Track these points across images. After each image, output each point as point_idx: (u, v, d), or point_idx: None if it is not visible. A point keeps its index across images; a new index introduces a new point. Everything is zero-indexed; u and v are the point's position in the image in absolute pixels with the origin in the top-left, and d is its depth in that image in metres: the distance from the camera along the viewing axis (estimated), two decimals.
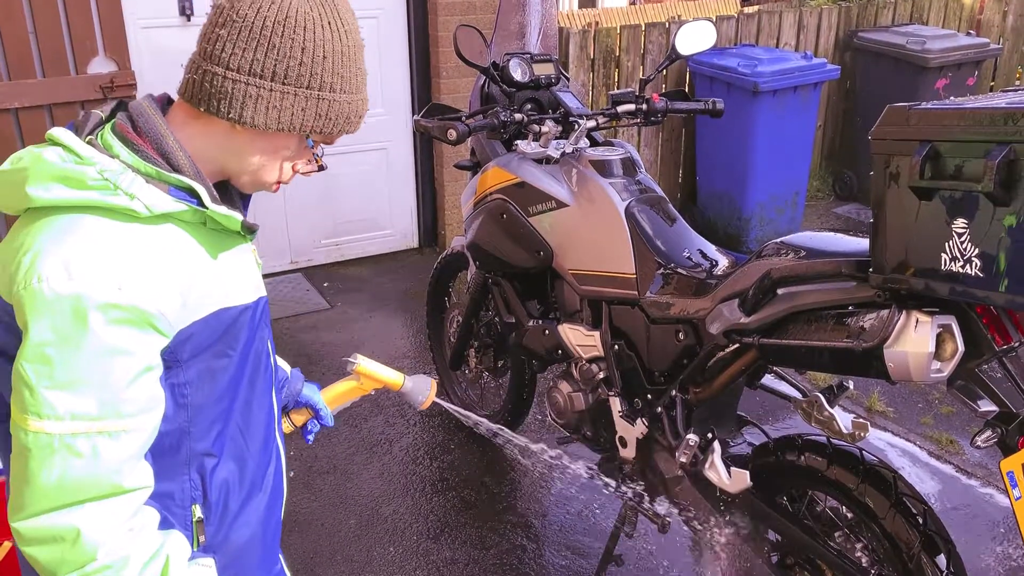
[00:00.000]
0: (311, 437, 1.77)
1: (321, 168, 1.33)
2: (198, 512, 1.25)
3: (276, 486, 1.40)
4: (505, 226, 2.53)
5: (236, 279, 1.24)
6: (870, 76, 5.68)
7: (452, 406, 2.25)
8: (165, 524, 1.20)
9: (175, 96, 1.25)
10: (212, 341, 1.19)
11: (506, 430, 2.51)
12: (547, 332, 2.53)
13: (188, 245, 1.16)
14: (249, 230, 1.22)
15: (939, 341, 1.54)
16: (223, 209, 1.17)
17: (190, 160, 1.18)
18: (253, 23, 1.13)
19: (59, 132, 1.13)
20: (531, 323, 2.61)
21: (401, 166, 5.05)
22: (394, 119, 4.93)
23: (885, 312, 1.59)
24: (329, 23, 1.17)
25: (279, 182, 1.28)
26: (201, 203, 1.16)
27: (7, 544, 2.30)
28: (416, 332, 4.20)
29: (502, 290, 2.75)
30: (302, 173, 1.32)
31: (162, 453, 1.19)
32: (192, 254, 1.17)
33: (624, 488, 2.43)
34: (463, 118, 2.38)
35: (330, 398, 1.80)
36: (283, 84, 1.16)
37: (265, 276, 4.75)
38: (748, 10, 6.13)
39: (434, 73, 4.80)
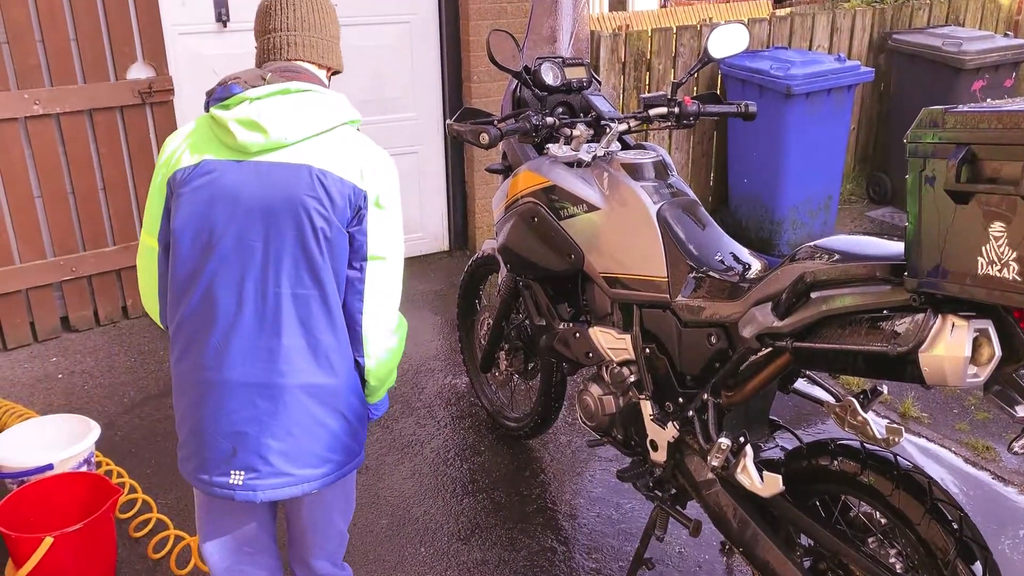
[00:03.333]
0: None
1: None
2: None
3: None
4: (536, 229, 2.54)
5: None
6: (905, 78, 5.61)
7: None
8: None
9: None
10: None
11: None
12: (578, 335, 2.54)
13: None
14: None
15: (975, 345, 1.52)
16: None
17: None
18: (323, 6, 1.85)
19: (295, 85, 1.71)
20: (562, 326, 2.62)
21: (432, 170, 5.08)
22: (426, 123, 4.96)
23: (920, 316, 1.58)
24: None
25: None
26: None
27: (49, 539, 2.35)
28: (447, 334, 4.23)
29: (533, 293, 2.76)
30: None
31: None
32: None
33: (654, 491, 2.43)
34: (495, 122, 2.40)
35: None
36: (339, 42, 1.89)
37: None
38: (780, 12, 6.10)
39: (465, 77, 4.83)
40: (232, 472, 1.73)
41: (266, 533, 1.95)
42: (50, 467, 2.68)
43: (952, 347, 1.53)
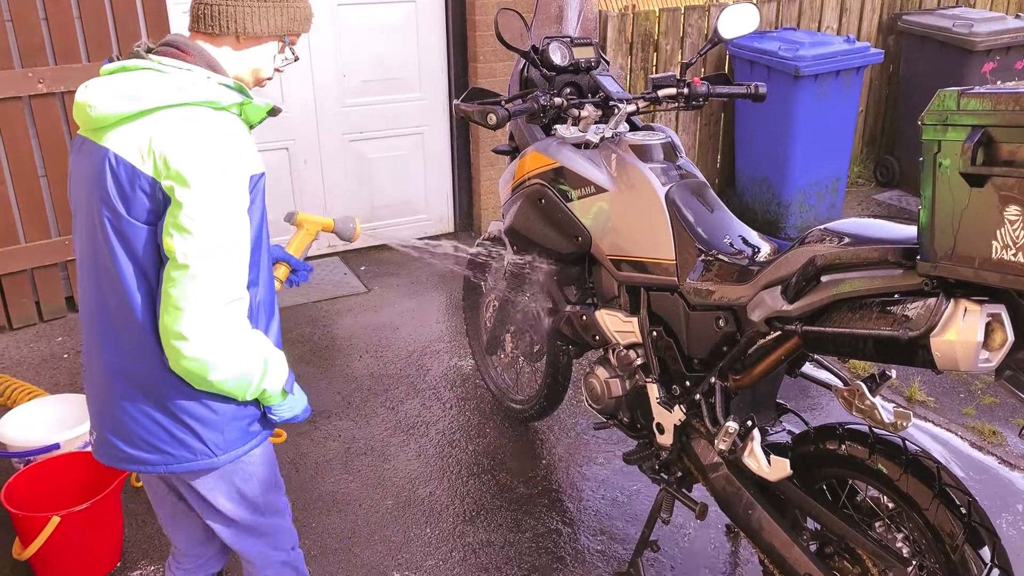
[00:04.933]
0: (299, 283, 2.25)
1: (296, 59, 1.80)
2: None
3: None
4: (543, 211, 2.53)
5: (256, 152, 1.66)
6: (914, 60, 5.56)
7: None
8: None
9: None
10: (259, 192, 1.63)
11: None
12: (584, 318, 2.53)
13: (241, 125, 1.65)
14: (276, 112, 1.73)
15: (988, 330, 1.51)
16: (261, 100, 1.68)
17: (223, 69, 1.67)
18: None
19: (140, 62, 1.60)
20: (568, 308, 2.61)
21: (437, 150, 5.06)
22: (431, 103, 4.93)
23: (932, 300, 1.56)
24: None
25: (269, 78, 1.78)
26: (247, 97, 1.66)
27: (56, 519, 2.36)
28: (452, 316, 4.23)
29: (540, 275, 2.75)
30: (281, 69, 1.79)
31: None
32: (244, 129, 1.65)
33: (660, 474, 2.43)
34: (503, 102, 2.38)
35: (292, 250, 2.22)
36: (264, 1, 1.67)
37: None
38: None
39: (471, 57, 4.79)
40: (92, 430, 1.79)
41: (176, 498, 1.90)
42: (56, 447, 2.69)
43: (964, 332, 1.52)
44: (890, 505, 1.90)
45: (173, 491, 1.90)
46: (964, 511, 1.71)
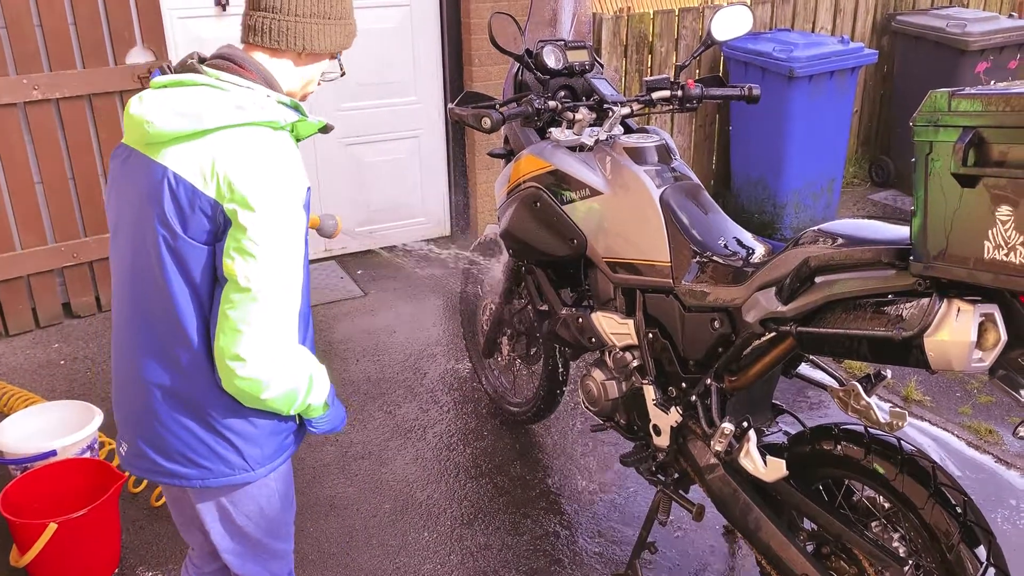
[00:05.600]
0: None
1: (343, 73, 1.81)
2: None
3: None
4: (539, 214, 2.53)
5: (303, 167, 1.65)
6: (908, 60, 5.58)
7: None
8: None
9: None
10: (307, 206, 1.63)
11: None
12: (580, 320, 2.53)
13: (292, 143, 1.63)
14: (328, 129, 1.73)
15: (981, 330, 1.52)
16: (315, 118, 1.67)
17: (279, 85, 1.66)
18: None
19: (198, 77, 1.57)
20: (564, 311, 2.62)
21: (433, 154, 5.06)
22: (426, 107, 4.94)
23: (926, 301, 1.57)
24: None
25: (312, 91, 1.80)
26: (303, 115, 1.65)
27: (53, 526, 2.36)
28: (449, 319, 4.23)
29: (535, 278, 2.75)
30: (328, 80, 1.81)
31: None
32: (295, 147, 1.63)
33: (657, 476, 2.43)
34: (497, 106, 2.38)
35: None
36: (327, 19, 1.66)
37: None
38: None
39: (466, 61, 4.80)
40: (121, 442, 1.76)
41: (190, 508, 1.87)
42: (53, 453, 2.68)
43: (957, 332, 1.52)
44: (886, 505, 1.91)
45: (183, 498, 1.87)
46: (960, 510, 1.72)
